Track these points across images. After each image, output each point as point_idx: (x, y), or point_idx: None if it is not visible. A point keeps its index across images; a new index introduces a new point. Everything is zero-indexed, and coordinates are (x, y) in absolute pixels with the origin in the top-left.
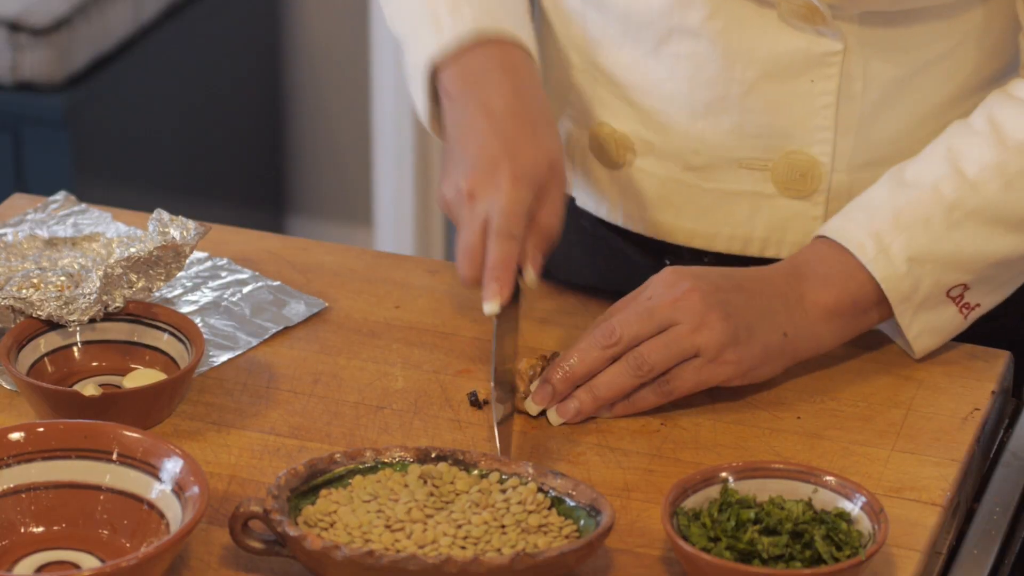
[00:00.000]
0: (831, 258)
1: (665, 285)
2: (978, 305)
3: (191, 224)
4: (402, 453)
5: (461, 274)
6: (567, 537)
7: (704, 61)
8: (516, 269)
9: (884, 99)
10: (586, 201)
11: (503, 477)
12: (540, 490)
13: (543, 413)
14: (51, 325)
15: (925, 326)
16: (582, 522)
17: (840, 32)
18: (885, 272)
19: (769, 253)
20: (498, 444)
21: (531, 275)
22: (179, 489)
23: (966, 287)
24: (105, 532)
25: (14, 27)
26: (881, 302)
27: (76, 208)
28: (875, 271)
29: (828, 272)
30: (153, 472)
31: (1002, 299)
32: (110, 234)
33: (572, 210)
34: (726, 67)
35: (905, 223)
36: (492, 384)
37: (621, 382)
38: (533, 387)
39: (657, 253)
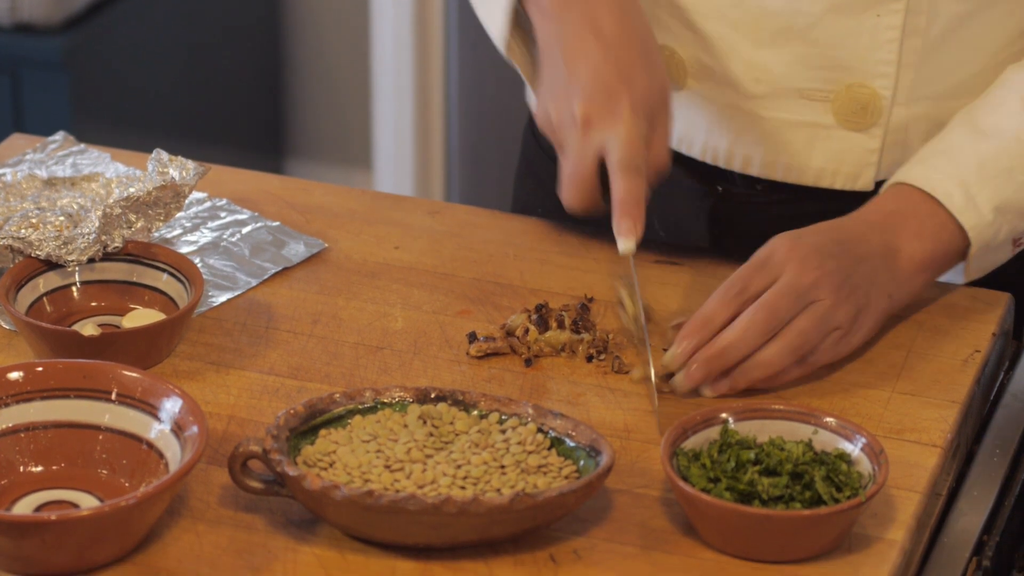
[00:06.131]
0: (921, 209)
1: (798, 260)
2: None
3: (190, 164)
4: (401, 393)
5: (568, 201)
6: (567, 477)
7: None
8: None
9: (947, 34)
10: None
11: (503, 417)
12: (540, 430)
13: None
14: (50, 265)
15: (986, 264)
16: (582, 462)
17: None
18: (973, 221)
19: (824, 183)
20: (655, 403)
21: None
22: (178, 429)
23: None
24: (104, 472)
25: None
26: (963, 251)
27: (75, 148)
28: (964, 220)
29: (920, 226)
30: (152, 412)
31: None
32: (109, 174)
33: None
34: None
35: (990, 173)
36: (644, 330)
37: (780, 362)
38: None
39: (709, 178)
